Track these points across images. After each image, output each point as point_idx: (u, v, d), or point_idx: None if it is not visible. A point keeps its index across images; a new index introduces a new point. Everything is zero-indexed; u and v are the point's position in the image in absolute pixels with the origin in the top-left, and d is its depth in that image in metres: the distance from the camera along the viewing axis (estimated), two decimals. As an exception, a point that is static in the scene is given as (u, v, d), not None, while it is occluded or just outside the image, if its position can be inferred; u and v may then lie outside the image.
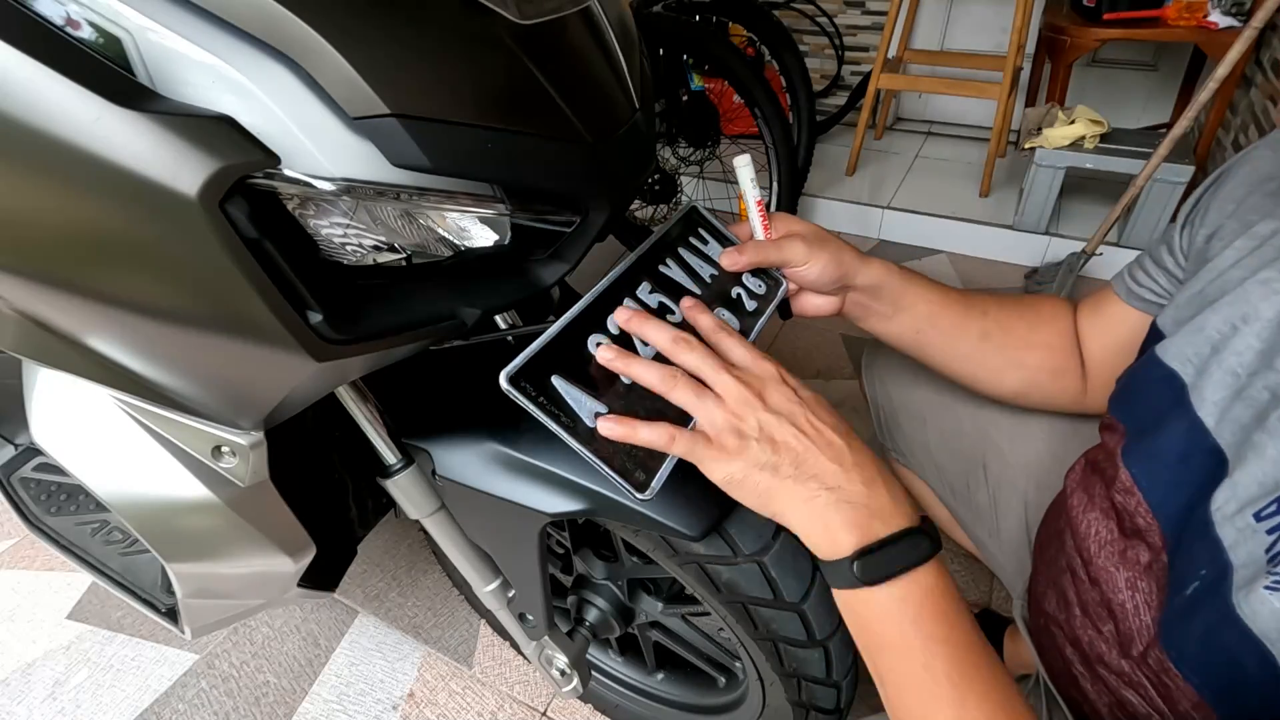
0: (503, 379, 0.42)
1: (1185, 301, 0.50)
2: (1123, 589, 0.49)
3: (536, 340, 0.44)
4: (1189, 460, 0.45)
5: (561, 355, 0.45)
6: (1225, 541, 0.40)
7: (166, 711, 1.04)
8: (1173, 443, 0.47)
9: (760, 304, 0.57)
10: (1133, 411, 0.53)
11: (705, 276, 0.56)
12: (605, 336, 0.48)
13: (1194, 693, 0.43)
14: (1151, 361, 0.50)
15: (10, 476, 0.88)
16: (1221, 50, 1.49)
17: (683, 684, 0.92)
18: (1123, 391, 0.55)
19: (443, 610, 1.17)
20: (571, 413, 0.44)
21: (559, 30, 0.47)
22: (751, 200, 0.60)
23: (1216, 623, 0.39)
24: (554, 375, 0.44)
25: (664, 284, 0.53)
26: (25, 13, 0.32)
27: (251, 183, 0.35)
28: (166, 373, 0.45)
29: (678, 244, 0.57)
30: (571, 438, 0.43)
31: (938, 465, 0.84)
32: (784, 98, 1.87)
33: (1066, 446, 0.73)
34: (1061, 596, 0.57)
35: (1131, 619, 0.49)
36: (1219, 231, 0.50)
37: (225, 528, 0.57)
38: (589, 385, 0.45)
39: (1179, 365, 0.47)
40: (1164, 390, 0.48)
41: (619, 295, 0.50)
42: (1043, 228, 1.96)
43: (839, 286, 0.61)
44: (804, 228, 0.60)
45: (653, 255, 0.54)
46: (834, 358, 1.68)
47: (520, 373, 0.43)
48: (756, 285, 0.58)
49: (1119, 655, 0.51)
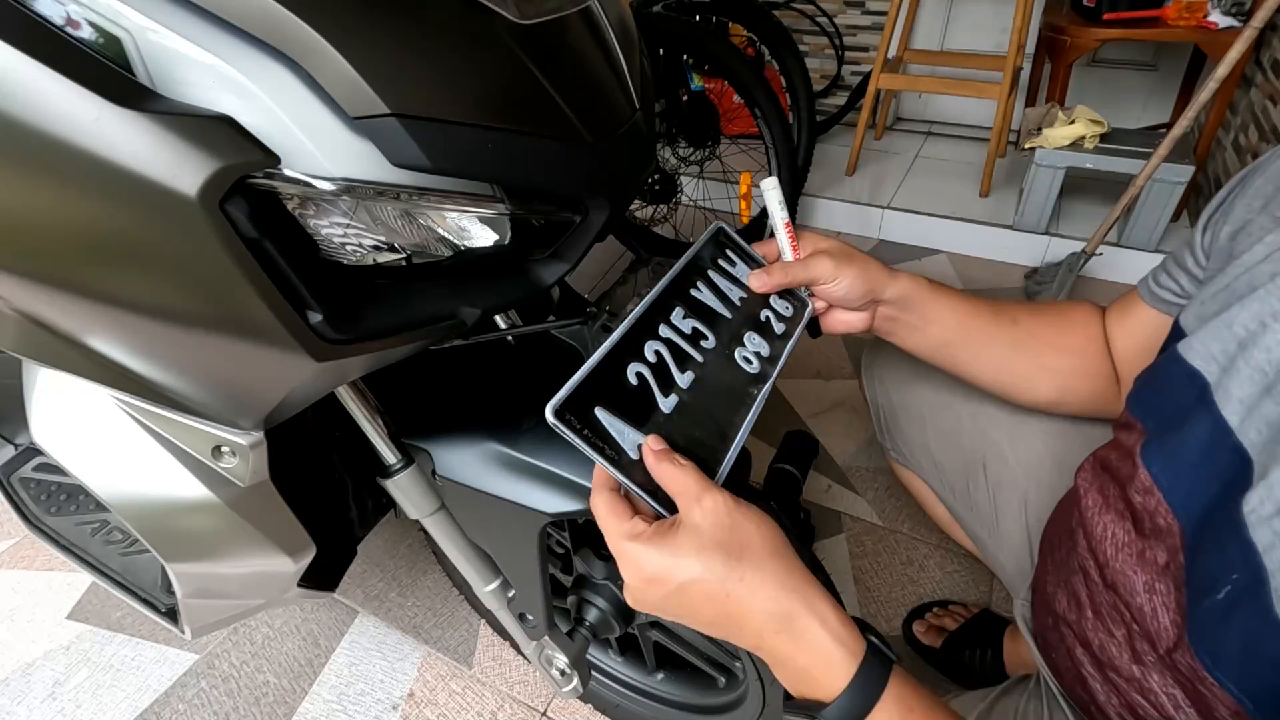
0: (548, 412, 0.41)
1: (1209, 298, 0.48)
2: (1140, 592, 0.49)
3: (579, 371, 0.44)
4: (1211, 460, 0.44)
5: (603, 385, 0.44)
6: (1260, 545, 0.38)
7: (166, 711, 1.04)
8: (1194, 442, 0.46)
9: (789, 326, 0.57)
10: (1152, 410, 0.52)
11: (734, 299, 0.55)
12: (644, 365, 0.47)
13: (1231, 699, 0.42)
14: (1173, 359, 0.49)
15: (10, 476, 0.88)
16: (1221, 50, 1.49)
17: (683, 684, 0.92)
18: (1142, 390, 0.54)
19: (443, 610, 1.17)
20: (615, 445, 0.43)
21: (559, 30, 0.47)
22: (779, 222, 0.59)
23: (1257, 629, 0.38)
24: (597, 406, 0.43)
25: (696, 309, 0.52)
26: (25, 13, 0.32)
27: (251, 183, 0.35)
28: (166, 373, 0.45)
29: (706, 266, 0.56)
30: (617, 470, 0.42)
31: (937, 465, 0.84)
32: (784, 98, 1.87)
33: (1067, 446, 0.73)
34: (1073, 597, 0.57)
35: (1150, 621, 0.48)
36: (1246, 227, 0.49)
37: (225, 528, 0.57)
38: (630, 415, 0.44)
39: (1202, 363, 0.46)
40: (1186, 388, 0.47)
41: (654, 322, 0.50)
42: (1043, 228, 1.96)
43: (868, 301, 0.60)
44: (830, 245, 0.59)
45: (683, 278, 0.54)
46: (834, 358, 1.68)
47: (565, 405, 0.42)
48: (784, 308, 0.58)
49: (1130, 660, 0.50)
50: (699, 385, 0.48)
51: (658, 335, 0.49)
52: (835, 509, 1.30)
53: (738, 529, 0.42)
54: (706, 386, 0.49)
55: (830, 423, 1.49)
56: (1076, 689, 0.57)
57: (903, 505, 1.29)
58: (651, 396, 0.46)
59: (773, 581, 0.41)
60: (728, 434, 0.48)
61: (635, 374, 0.46)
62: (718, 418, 0.49)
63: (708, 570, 0.40)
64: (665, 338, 0.49)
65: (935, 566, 1.19)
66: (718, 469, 0.47)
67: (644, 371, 0.47)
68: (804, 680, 0.42)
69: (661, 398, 0.46)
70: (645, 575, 0.42)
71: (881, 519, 1.28)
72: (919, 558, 1.21)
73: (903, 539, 1.24)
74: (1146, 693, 0.49)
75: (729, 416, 0.49)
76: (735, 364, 0.52)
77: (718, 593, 0.41)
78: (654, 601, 0.43)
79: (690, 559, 0.41)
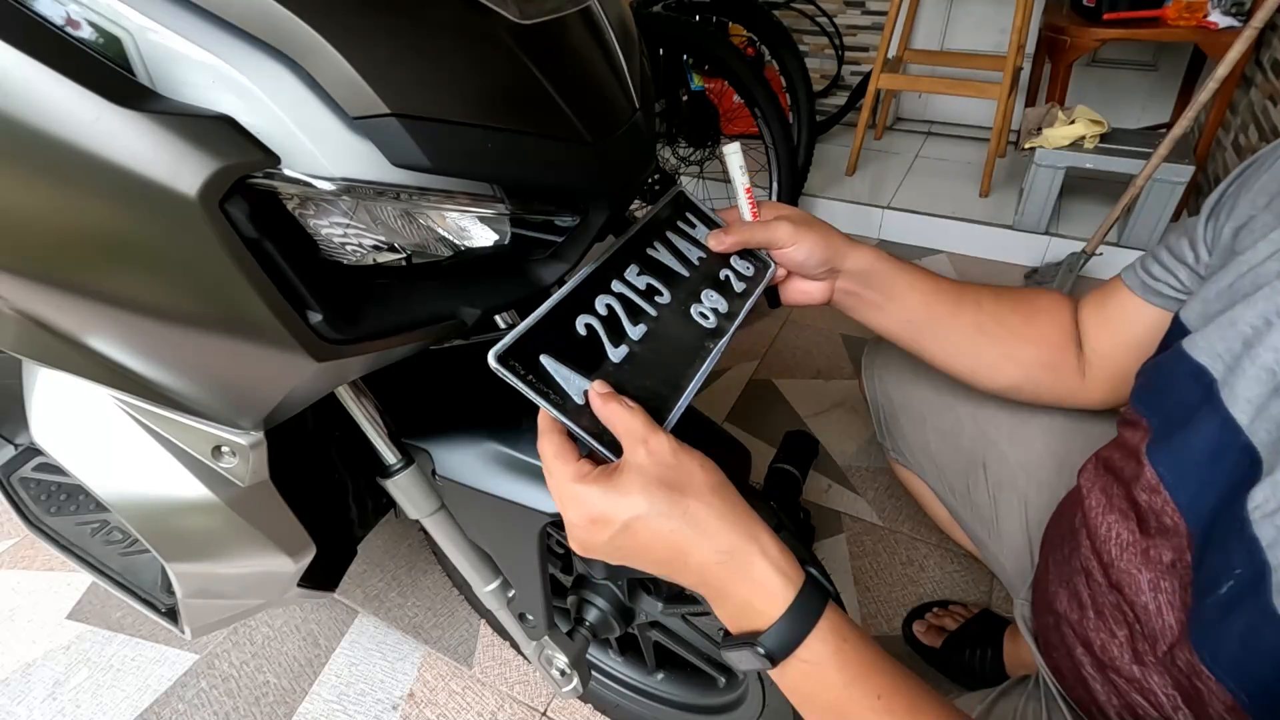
0: (491, 357, 0.42)
1: (1214, 296, 0.48)
2: (1145, 590, 0.49)
3: (525, 320, 0.45)
4: (1220, 459, 0.44)
5: (550, 335, 0.45)
6: (1264, 541, 0.39)
7: (166, 711, 1.04)
8: (1203, 441, 0.45)
9: (748, 285, 0.57)
10: (1159, 407, 0.51)
11: (693, 259, 0.56)
12: (594, 318, 0.48)
13: (1229, 695, 0.42)
14: (1178, 356, 0.49)
15: (10, 476, 0.88)
16: (1221, 50, 1.49)
17: (683, 684, 0.92)
18: (1147, 386, 0.54)
19: (443, 610, 1.17)
20: (560, 390, 0.44)
21: (559, 30, 0.46)
22: (740, 186, 0.60)
23: (1256, 624, 0.39)
24: (542, 354, 0.44)
25: (652, 266, 0.53)
26: (25, 13, 0.32)
27: (251, 183, 0.35)
28: (166, 373, 0.45)
29: (665, 227, 0.57)
30: (560, 414, 0.43)
31: (937, 465, 0.84)
32: (784, 98, 1.87)
33: (1067, 446, 0.73)
34: (1075, 597, 0.57)
35: (1154, 619, 0.48)
36: (1250, 224, 0.48)
37: (225, 528, 0.57)
38: (578, 363, 0.45)
39: (1208, 360, 0.46)
40: (1192, 386, 0.47)
41: (608, 277, 0.51)
42: (1043, 228, 1.96)
43: (827, 270, 0.60)
44: (790, 211, 0.60)
45: (641, 238, 0.55)
46: (833, 357, 1.68)
47: (509, 351, 0.43)
48: (744, 268, 0.58)
49: (1131, 660, 0.50)
50: (651, 337, 0.49)
51: (610, 290, 0.50)
52: (835, 509, 1.30)
53: (681, 467, 0.43)
54: (659, 339, 0.50)
55: (830, 423, 1.49)
56: (1077, 689, 0.57)
57: (902, 505, 1.29)
58: (601, 346, 0.47)
59: (716, 516, 0.42)
60: (680, 384, 0.49)
61: (585, 325, 0.47)
62: (670, 369, 0.49)
63: (652, 507, 0.41)
64: (618, 292, 0.50)
65: (935, 566, 1.19)
66: (667, 415, 0.47)
67: (593, 323, 0.47)
68: (744, 613, 0.43)
69: (611, 348, 0.47)
70: (591, 515, 0.42)
71: (881, 519, 1.28)
72: (919, 558, 1.21)
73: (903, 539, 1.24)
74: (1146, 693, 0.49)
75: (682, 369, 0.50)
76: (691, 318, 0.52)
77: (663, 528, 0.42)
78: (600, 544, 0.43)
79: (636, 496, 0.41)
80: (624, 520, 0.42)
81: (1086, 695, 0.56)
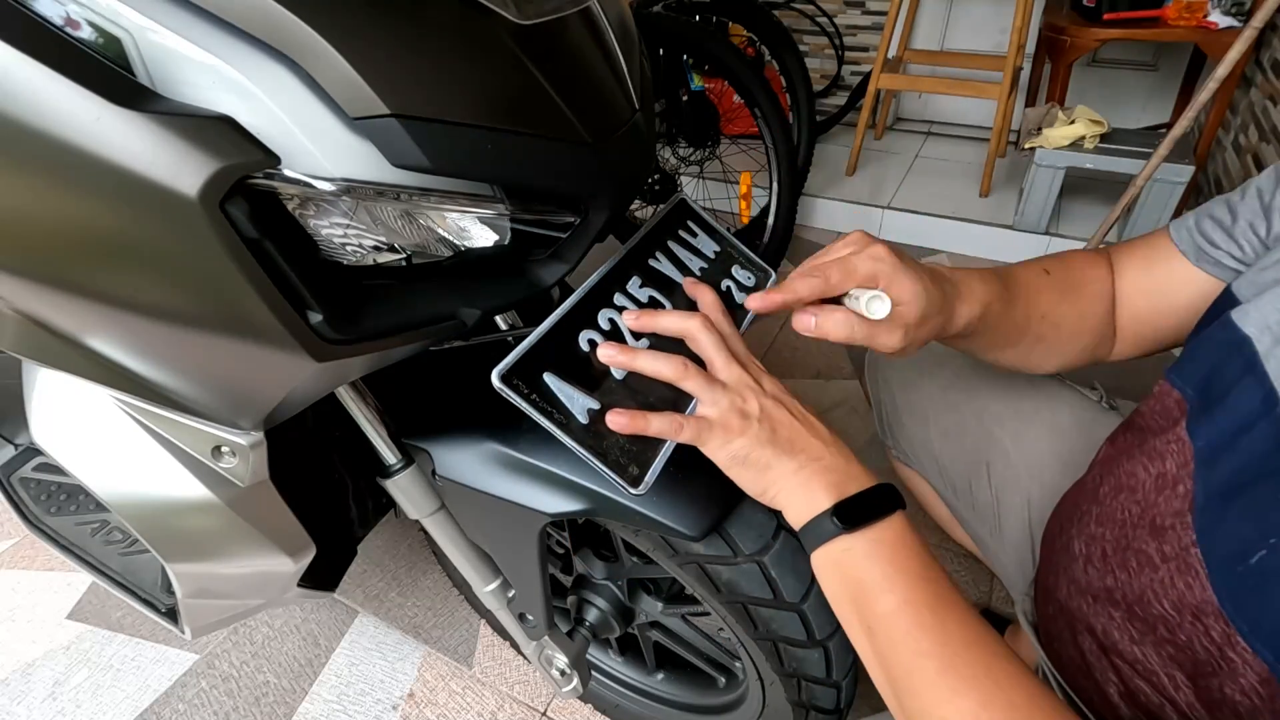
0: (495, 377, 0.42)
1: (1271, 264, 0.47)
2: (1159, 564, 0.48)
3: (528, 338, 0.45)
4: (1252, 429, 0.43)
5: (553, 352, 0.45)
6: None
7: (166, 711, 1.04)
8: (1242, 411, 0.44)
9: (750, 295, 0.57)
10: (1195, 377, 0.49)
11: (694, 269, 0.56)
12: (597, 333, 0.48)
13: (1264, 666, 0.41)
14: (1223, 326, 0.47)
15: (10, 476, 0.88)
16: (1221, 50, 1.49)
17: (683, 684, 0.92)
18: (1188, 356, 0.51)
19: (443, 610, 1.17)
20: (564, 409, 0.44)
21: (559, 30, 0.46)
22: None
23: None
24: (546, 372, 0.44)
25: (654, 278, 0.53)
26: (25, 13, 0.32)
27: (251, 183, 0.35)
28: (167, 373, 0.45)
29: (666, 237, 0.57)
30: (564, 434, 0.43)
31: (940, 464, 0.84)
32: (784, 98, 1.87)
33: (1071, 446, 0.73)
34: (1074, 584, 0.57)
35: (1168, 591, 0.47)
36: None
37: (225, 528, 0.57)
38: (581, 381, 0.45)
39: (1255, 331, 0.44)
40: (1233, 356, 0.45)
41: (609, 291, 0.50)
42: (1043, 228, 1.96)
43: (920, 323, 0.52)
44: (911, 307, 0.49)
45: (642, 249, 0.54)
46: (834, 358, 1.68)
47: (512, 370, 0.43)
48: (745, 277, 0.58)
49: (1130, 642, 0.50)
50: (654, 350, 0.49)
51: (612, 304, 0.50)
52: (835, 509, 1.30)
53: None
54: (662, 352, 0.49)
55: (830, 423, 1.49)
56: (1079, 680, 0.57)
57: (903, 505, 1.29)
58: (603, 363, 0.47)
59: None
60: (679, 405, 0.49)
61: (587, 341, 0.47)
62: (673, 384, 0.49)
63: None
64: (621, 306, 0.50)
65: (935, 566, 1.19)
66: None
67: (596, 338, 0.47)
68: (835, 486, 0.47)
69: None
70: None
71: (881, 519, 1.27)
72: (919, 558, 1.20)
73: (903, 539, 1.24)
74: (1149, 674, 0.49)
75: None
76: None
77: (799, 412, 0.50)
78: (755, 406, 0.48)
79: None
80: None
81: (1089, 685, 0.55)
